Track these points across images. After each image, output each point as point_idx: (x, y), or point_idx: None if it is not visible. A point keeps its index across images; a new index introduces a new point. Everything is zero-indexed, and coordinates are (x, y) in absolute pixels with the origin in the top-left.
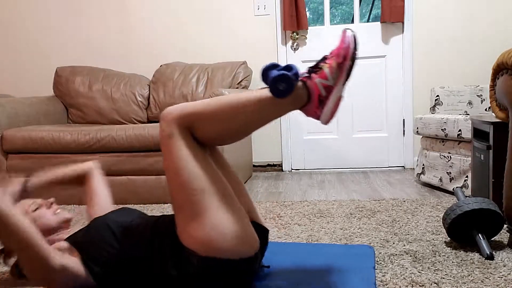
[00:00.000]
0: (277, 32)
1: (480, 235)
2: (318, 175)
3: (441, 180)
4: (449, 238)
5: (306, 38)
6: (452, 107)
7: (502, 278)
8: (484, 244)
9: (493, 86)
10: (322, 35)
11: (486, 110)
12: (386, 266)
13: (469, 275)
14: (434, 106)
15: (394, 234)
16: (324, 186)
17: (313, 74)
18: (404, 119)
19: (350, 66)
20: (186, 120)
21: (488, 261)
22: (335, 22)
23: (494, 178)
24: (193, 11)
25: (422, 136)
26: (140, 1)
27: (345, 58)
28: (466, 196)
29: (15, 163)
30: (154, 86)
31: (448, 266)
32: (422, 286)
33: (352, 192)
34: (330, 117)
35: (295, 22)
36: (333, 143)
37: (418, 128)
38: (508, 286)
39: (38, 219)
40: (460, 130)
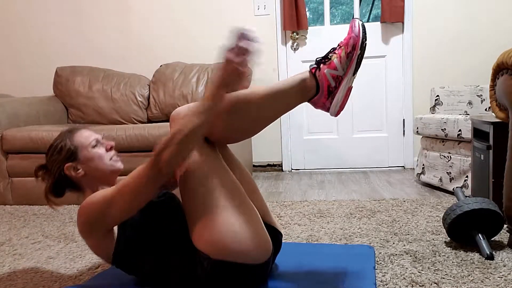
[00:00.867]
0: (277, 32)
1: (480, 235)
2: (318, 175)
3: (441, 180)
4: (449, 238)
5: (306, 38)
6: (452, 107)
7: (502, 278)
8: (484, 244)
9: (493, 86)
10: (322, 35)
11: (486, 110)
12: (386, 266)
13: (469, 275)
14: (434, 106)
15: (394, 234)
16: (324, 186)
17: (322, 65)
18: (404, 119)
19: (360, 56)
20: None
21: (488, 261)
22: (335, 22)
23: (494, 178)
24: (193, 11)
25: (422, 136)
26: (140, 1)
27: (354, 47)
28: (466, 196)
29: (15, 163)
30: (154, 86)
31: (448, 266)
32: (422, 286)
33: (352, 192)
34: (340, 108)
35: (295, 22)
36: (333, 143)
37: (418, 128)
38: (508, 286)
39: (94, 158)
40: (460, 130)
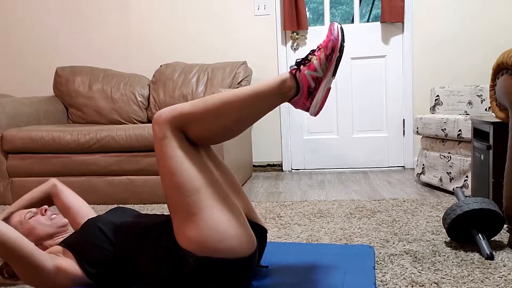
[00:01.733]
0: (277, 32)
1: (480, 235)
2: (318, 175)
3: (441, 180)
4: (449, 238)
5: (306, 38)
6: (452, 107)
7: (502, 278)
8: (484, 244)
9: (493, 86)
10: (322, 35)
11: (486, 110)
12: (386, 266)
13: (469, 275)
14: (434, 106)
15: (394, 234)
16: (324, 186)
17: (302, 66)
18: (404, 119)
19: (338, 58)
20: (178, 121)
21: (488, 261)
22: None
23: (494, 178)
24: (193, 11)
25: (422, 136)
26: (140, 1)
27: (333, 49)
28: (466, 196)
29: (15, 163)
30: (154, 86)
31: (448, 266)
32: (422, 286)
33: (352, 192)
34: (319, 108)
35: (295, 22)
36: (333, 143)
37: (418, 128)
38: (508, 286)
39: (35, 226)
40: (460, 130)
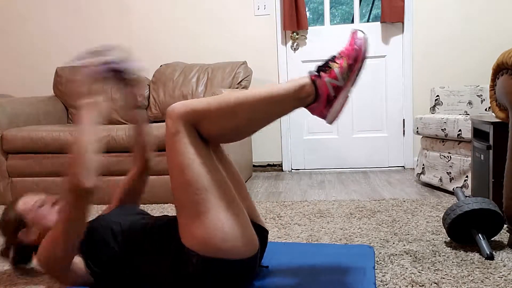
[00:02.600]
0: (277, 32)
1: (480, 235)
2: (318, 175)
3: (441, 180)
4: (449, 238)
5: (306, 38)
6: (452, 107)
7: (502, 278)
8: (484, 244)
9: (493, 86)
10: (322, 35)
11: (486, 110)
12: (386, 266)
13: (469, 275)
14: (434, 106)
15: (394, 234)
16: (324, 186)
17: (322, 73)
18: (404, 119)
19: (360, 68)
20: (191, 117)
21: (488, 261)
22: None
23: (494, 178)
24: (193, 11)
25: (422, 136)
26: (140, 1)
27: (356, 60)
28: (466, 196)
29: (15, 163)
30: (154, 86)
31: (448, 266)
32: (422, 286)
33: (352, 192)
34: (335, 117)
35: (295, 22)
36: (333, 143)
37: (418, 128)
38: (508, 286)
39: (44, 216)
40: (460, 130)
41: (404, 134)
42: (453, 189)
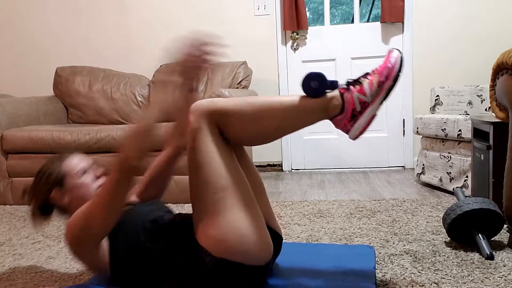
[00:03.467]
0: (277, 32)
1: (480, 235)
2: (318, 175)
3: (441, 180)
4: (449, 238)
5: (306, 38)
6: (452, 107)
7: (502, 278)
8: (484, 244)
9: (493, 86)
10: (322, 35)
11: (486, 110)
12: (386, 266)
13: (469, 275)
14: (434, 106)
15: (394, 234)
16: (324, 186)
17: (351, 87)
18: (404, 119)
19: (391, 86)
20: (216, 115)
21: (488, 261)
22: (335, 22)
23: (494, 178)
24: (193, 11)
25: (422, 136)
26: (140, 1)
27: (387, 77)
28: (466, 196)
29: (15, 163)
30: (154, 86)
31: (448, 266)
32: (422, 286)
33: (352, 192)
34: (359, 133)
35: (295, 22)
36: (333, 143)
37: (418, 128)
38: (508, 286)
39: (80, 187)
40: (460, 130)
41: (404, 134)
42: (453, 189)
